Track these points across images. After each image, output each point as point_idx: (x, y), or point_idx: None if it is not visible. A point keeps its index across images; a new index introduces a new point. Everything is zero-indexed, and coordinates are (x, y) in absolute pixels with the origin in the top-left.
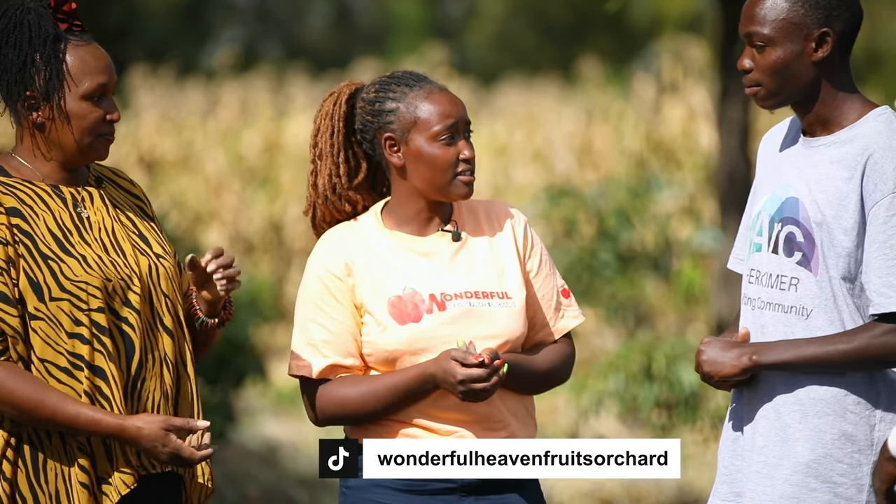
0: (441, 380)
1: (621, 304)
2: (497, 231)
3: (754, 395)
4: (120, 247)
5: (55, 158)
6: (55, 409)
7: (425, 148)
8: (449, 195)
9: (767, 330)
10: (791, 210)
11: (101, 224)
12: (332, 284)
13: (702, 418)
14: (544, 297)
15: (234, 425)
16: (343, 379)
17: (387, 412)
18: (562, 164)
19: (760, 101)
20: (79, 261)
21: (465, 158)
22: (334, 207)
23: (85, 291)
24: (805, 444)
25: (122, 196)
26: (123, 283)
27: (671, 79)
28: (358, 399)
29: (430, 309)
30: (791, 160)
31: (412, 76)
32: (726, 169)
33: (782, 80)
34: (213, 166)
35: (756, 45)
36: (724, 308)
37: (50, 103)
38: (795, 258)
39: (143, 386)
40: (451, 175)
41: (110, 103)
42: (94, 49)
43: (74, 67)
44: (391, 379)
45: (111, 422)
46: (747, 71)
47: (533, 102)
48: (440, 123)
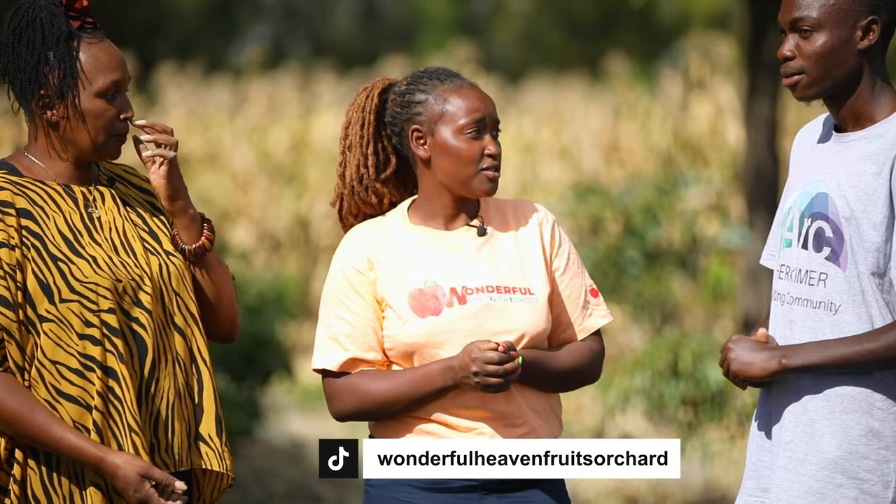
0: (459, 367)
1: (648, 301)
2: (523, 228)
3: (781, 391)
4: (131, 247)
5: (69, 157)
6: (40, 429)
7: (451, 140)
8: (472, 190)
9: (796, 325)
10: (821, 205)
11: (111, 224)
12: (354, 279)
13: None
14: (571, 295)
15: (260, 422)
16: (364, 373)
17: (407, 407)
18: (589, 162)
19: (801, 91)
20: (89, 262)
21: (490, 154)
22: (360, 199)
23: (95, 293)
24: (832, 440)
25: (134, 193)
26: (134, 283)
27: (698, 76)
28: (378, 392)
29: (450, 302)
30: (822, 156)
31: (445, 72)
32: (753, 166)
33: (827, 68)
34: (240, 163)
35: (801, 31)
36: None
37: (64, 102)
38: (824, 253)
39: (157, 386)
40: (474, 169)
41: (124, 101)
42: (107, 46)
43: (88, 65)
44: (413, 373)
45: (92, 452)
46: (788, 59)
47: (560, 100)
48: (467, 117)
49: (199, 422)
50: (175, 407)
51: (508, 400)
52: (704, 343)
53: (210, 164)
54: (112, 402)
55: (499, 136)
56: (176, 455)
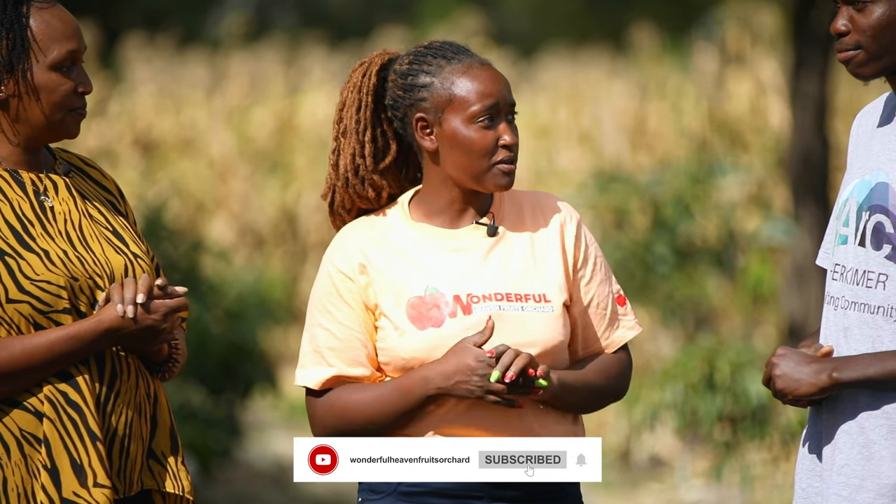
0: (455, 370)
1: (679, 304)
2: (542, 227)
3: (835, 408)
4: (87, 242)
5: (20, 139)
6: (24, 351)
7: (461, 130)
8: (486, 185)
9: (851, 333)
10: (880, 197)
11: (66, 216)
12: (342, 285)
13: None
14: (598, 305)
15: (240, 441)
16: (347, 386)
17: (391, 423)
18: (612, 147)
19: (857, 68)
20: (40, 257)
21: (505, 144)
22: (356, 192)
23: (47, 292)
24: (891, 464)
25: (91, 188)
26: (91, 281)
27: (737, 49)
28: (358, 405)
29: (453, 312)
30: (883, 141)
31: (451, 48)
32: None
33: (885, 43)
34: (218, 149)
35: (856, 2)
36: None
37: (14, 76)
38: (884, 251)
39: (116, 402)
40: (488, 163)
41: (81, 73)
42: (60, 11)
43: (40, 33)
44: (394, 382)
45: (89, 324)
46: (842, 34)
47: (579, 76)
48: (479, 103)
49: (153, 437)
50: (133, 424)
51: (521, 421)
52: (743, 352)
53: (184, 150)
54: (65, 408)
55: (515, 120)
56: (127, 477)
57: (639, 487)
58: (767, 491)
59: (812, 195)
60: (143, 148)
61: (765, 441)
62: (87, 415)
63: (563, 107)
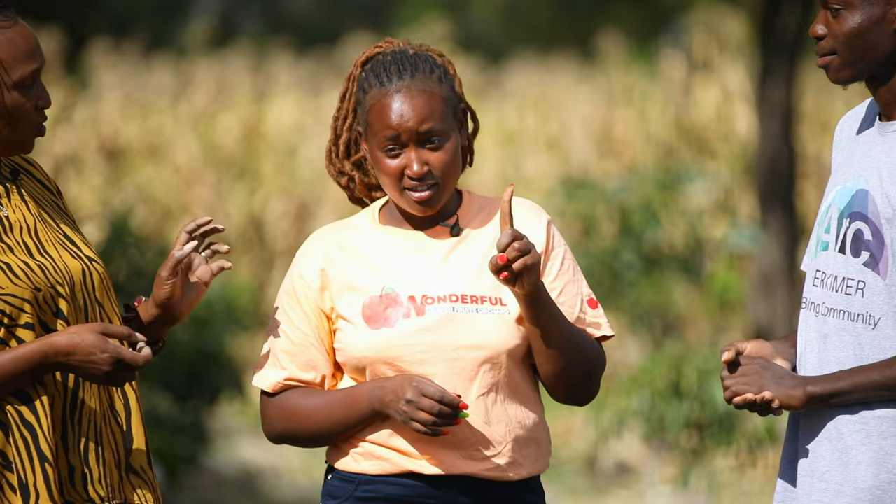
0: (392, 390)
1: (646, 311)
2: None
3: (813, 413)
4: (45, 249)
5: None
6: None
7: (374, 153)
8: (405, 206)
9: (830, 339)
10: (860, 204)
11: (21, 223)
12: (301, 290)
13: (737, 441)
14: (565, 304)
15: (207, 448)
16: (299, 390)
17: (340, 430)
18: (579, 153)
19: (833, 74)
20: (3, 270)
21: (410, 175)
22: (333, 177)
23: (12, 306)
24: (867, 468)
25: (39, 190)
26: (53, 290)
27: (703, 56)
28: (307, 410)
29: (406, 313)
30: (864, 147)
31: (398, 65)
32: (767, 158)
33: (859, 49)
34: (184, 155)
35: (831, 9)
36: (763, 316)
37: None
38: (862, 258)
39: (84, 409)
40: (399, 188)
41: (41, 88)
42: (22, 28)
43: (4, 53)
44: (344, 391)
45: (33, 348)
46: (820, 38)
47: (547, 83)
48: (380, 133)
49: (129, 451)
50: (102, 432)
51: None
52: (710, 359)
53: (150, 157)
54: (17, 428)
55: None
56: (107, 486)
57: (605, 494)
58: (734, 497)
59: (779, 202)
60: (109, 154)
61: (731, 448)
62: (38, 435)
63: (531, 113)
